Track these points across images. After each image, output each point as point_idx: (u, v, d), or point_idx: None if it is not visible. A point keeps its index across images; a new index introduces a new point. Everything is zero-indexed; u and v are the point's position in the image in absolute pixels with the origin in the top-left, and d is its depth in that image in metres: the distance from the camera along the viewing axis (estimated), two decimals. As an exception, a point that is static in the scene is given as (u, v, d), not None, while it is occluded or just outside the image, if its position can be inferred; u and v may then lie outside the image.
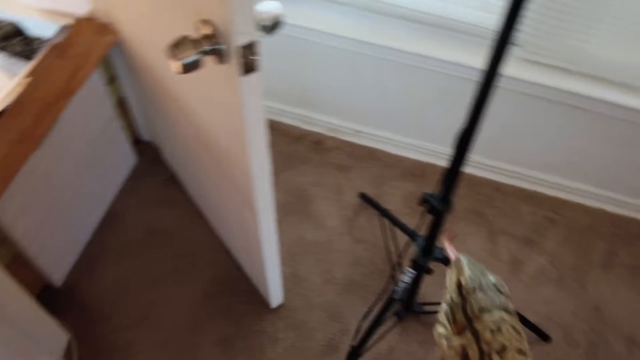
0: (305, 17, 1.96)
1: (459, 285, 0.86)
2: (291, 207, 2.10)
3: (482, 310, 0.77)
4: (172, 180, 2.13)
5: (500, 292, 0.83)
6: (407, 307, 1.82)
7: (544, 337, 1.84)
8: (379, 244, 2.01)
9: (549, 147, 2.10)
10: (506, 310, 0.79)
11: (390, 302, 1.59)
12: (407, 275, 1.53)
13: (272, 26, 1.03)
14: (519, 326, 0.78)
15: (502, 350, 0.73)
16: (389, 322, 1.80)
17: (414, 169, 2.24)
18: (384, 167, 2.24)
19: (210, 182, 1.70)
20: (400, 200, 2.14)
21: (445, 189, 1.29)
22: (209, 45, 0.93)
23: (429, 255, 1.52)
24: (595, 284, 2.00)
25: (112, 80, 1.94)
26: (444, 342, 0.84)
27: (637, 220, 2.20)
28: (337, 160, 2.25)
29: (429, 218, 1.41)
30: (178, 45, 0.91)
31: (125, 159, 2.11)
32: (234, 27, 0.87)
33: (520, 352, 0.73)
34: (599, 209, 2.23)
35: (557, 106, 1.93)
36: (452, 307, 0.84)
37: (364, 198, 2.12)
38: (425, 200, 1.33)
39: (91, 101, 1.79)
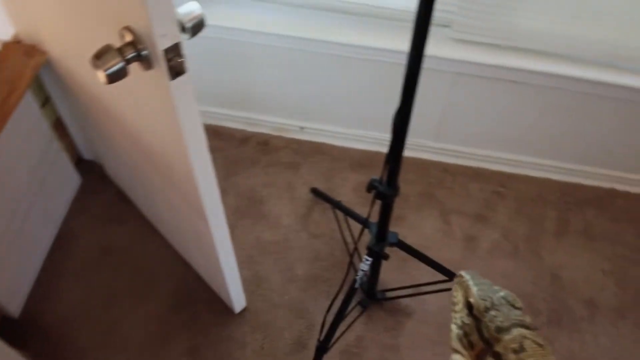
0: (237, 19, 1.96)
1: (469, 306, 0.78)
2: (244, 210, 2.09)
3: (500, 330, 0.72)
4: (120, 196, 2.09)
5: (514, 306, 0.77)
6: (370, 295, 1.83)
7: (505, 308, 1.87)
8: (336, 236, 2.01)
9: (491, 124, 2.14)
10: (524, 326, 0.73)
11: (351, 292, 1.60)
12: (364, 263, 1.54)
13: (194, 27, 1.02)
14: (541, 339, 0.72)
15: None
16: (354, 312, 1.81)
17: (361, 159, 2.25)
18: (332, 161, 2.25)
19: (158, 194, 1.68)
20: (352, 191, 2.15)
21: (390, 172, 1.30)
22: (132, 52, 0.91)
23: (383, 241, 1.53)
24: (550, 252, 2.04)
25: (46, 101, 1.90)
26: None
27: (584, 185, 2.26)
28: (285, 158, 2.25)
29: (379, 204, 1.42)
30: (101, 55, 0.89)
31: (69, 180, 2.07)
32: (155, 31, 0.87)
33: None
34: (546, 178, 2.27)
35: (494, 83, 1.97)
36: (464, 330, 0.78)
37: (316, 193, 2.12)
38: (372, 187, 1.34)
39: (27, 125, 1.74)
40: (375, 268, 1.68)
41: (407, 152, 2.24)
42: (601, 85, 1.91)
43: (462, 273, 0.84)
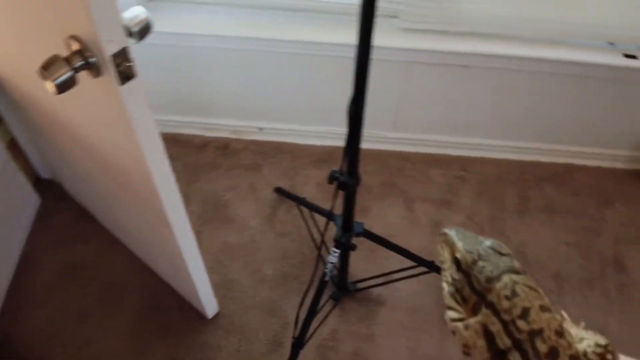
0: (185, 24, 1.95)
1: (457, 262, 0.80)
2: (209, 215, 2.08)
3: (490, 280, 0.70)
4: (81, 212, 2.07)
5: (502, 253, 0.74)
6: (341, 288, 1.84)
7: (475, 289, 1.89)
8: (303, 233, 2.02)
9: (447, 110, 2.17)
10: (514, 271, 0.71)
11: (322, 285, 1.60)
12: (332, 256, 1.55)
13: (141, 31, 1.02)
14: (533, 283, 0.71)
15: (524, 314, 0.68)
16: (327, 306, 1.82)
17: (323, 155, 2.26)
18: (294, 159, 2.25)
19: (119, 205, 1.66)
20: (315, 187, 2.16)
21: (349, 162, 1.31)
22: (80, 61, 0.91)
23: (349, 232, 1.55)
24: (514, 230, 2.08)
25: (-2, 122, 1.87)
26: (460, 326, 0.78)
27: (542, 163, 2.31)
28: (246, 160, 2.25)
29: (342, 196, 1.44)
30: (49, 66, 0.88)
31: (28, 200, 2.03)
32: (101, 37, 0.86)
33: (543, 308, 0.68)
34: (505, 159, 2.32)
35: (445, 69, 2.00)
36: (455, 286, 0.76)
37: (280, 192, 2.12)
38: (333, 178, 1.35)
39: (-21, 147, 1.71)
40: (344, 260, 1.69)
41: (367, 144, 2.27)
42: (551, 63, 1.96)
43: (446, 230, 0.83)
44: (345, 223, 1.52)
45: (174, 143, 2.30)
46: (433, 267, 1.74)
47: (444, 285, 0.80)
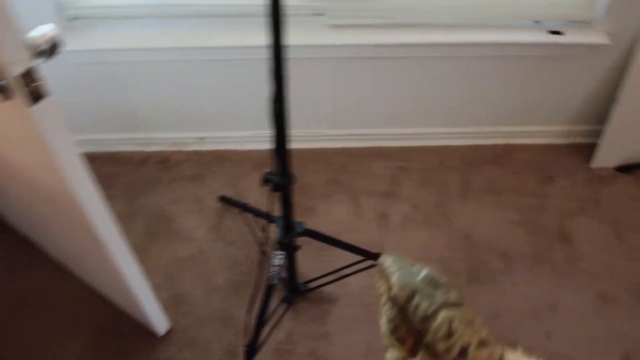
0: (106, 40, 1.92)
1: (393, 298, 0.74)
2: (155, 230, 2.05)
3: (426, 318, 0.68)
4: (24, 242, 2.02)
5: (437, 284, 0.73)
6: (292, 290, 1.83)
7: (425, 277, 1.90)
8: (250, 239, 2.01)
9: (383, 102, 2.18)
10: (450, 305, 0.69)
11: (269, 290, 1.59)
12: (277, 258, 1.54)
13: (50, 49, 0.99)
14: (471, 314, 0.69)
15: (463, 353, 0.66)
16: (280, 310, 1.81)
17: (263, 159, 2.26)
18: (235, 165, 2.24)
19: (57, 232, 1.63)
20: (259, 191, 2.15)
21: (280, 161, 1.31)
22: (-17, 85, 0.88)
23: (290, 233, 1.54)
24: (458, 214, 2.10)
25: None
26: None
27: (482, 145, 2.35)
28: (189, 172, 2.22)
29: (279, 197, 1.43)
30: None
31: (-35, 235, 1.98)
32: (4, 59, 0.84)
33: (482, 343, 0.65)
34: (445, 145, 2.34)
35: (376, 62, 2.01)
36: (394, 324, 0.74)
37: (224, 200, 2.11)
38: (267, 180, 1.34)
39: None
40: (291, 261, 1.68)
41: (307, 144, 2.28)
42: (479, 47, 1.99)
43: (382, 260, 0.80)
44: (286, 224, 1.51)
45: (114, 161, 2.26)
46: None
47: (382, 322, 0.78)
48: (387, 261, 0.79)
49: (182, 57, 1.97)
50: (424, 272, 0.75)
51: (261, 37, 1.93)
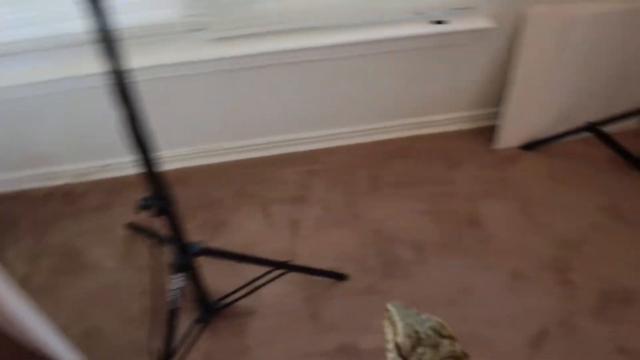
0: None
1: (398, 346, 0.75)
2: (64, 266, 2.00)
3: None
4: None
5: (442, 335, 0.74)
6: (205, 309, 1.80)
7: (340, 277, 1.91)
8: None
9: (280, 109, 2.18)
10: (456, 357, 0.71)
11: (172, 314, 1.56)
12: (174, 282, 1.52)
13: None
14: None
15: None
16: (194, 331, 1.78)
17: (171, 180, 2.22)
18: (142, 190, 2.20)
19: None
20: (168, 213, 2.12)
21: (153, 184, 1.29)
22: None
23: (185, 253, 1.52)
24: (368, 211, 2.11)
25: None
26: None
27: (387, 140, 2.37)
28: (93, 202, 2.18)
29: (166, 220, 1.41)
30: None
31: None
32: None
33: None
34: (353, 144, 2.36)
35: (264, 70, 2.01)
36: None
37: (132, 227, 2.07)
38: (144, 206, 1.32)
39: None
40: (195, 282, 1.66)
41: (208, 159, 2.27)
42: (366, 45, 2.01)
43: (389, 306, 0.81)
44: (179, 246, 1.49)
45: (19, 201, 2.20)
46: (288, 267, 1.74)
47: None
48: (393, 308, 0.80)
49: (72, 86, 1.93)
50: (430, 322, 0.77)
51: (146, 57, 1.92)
